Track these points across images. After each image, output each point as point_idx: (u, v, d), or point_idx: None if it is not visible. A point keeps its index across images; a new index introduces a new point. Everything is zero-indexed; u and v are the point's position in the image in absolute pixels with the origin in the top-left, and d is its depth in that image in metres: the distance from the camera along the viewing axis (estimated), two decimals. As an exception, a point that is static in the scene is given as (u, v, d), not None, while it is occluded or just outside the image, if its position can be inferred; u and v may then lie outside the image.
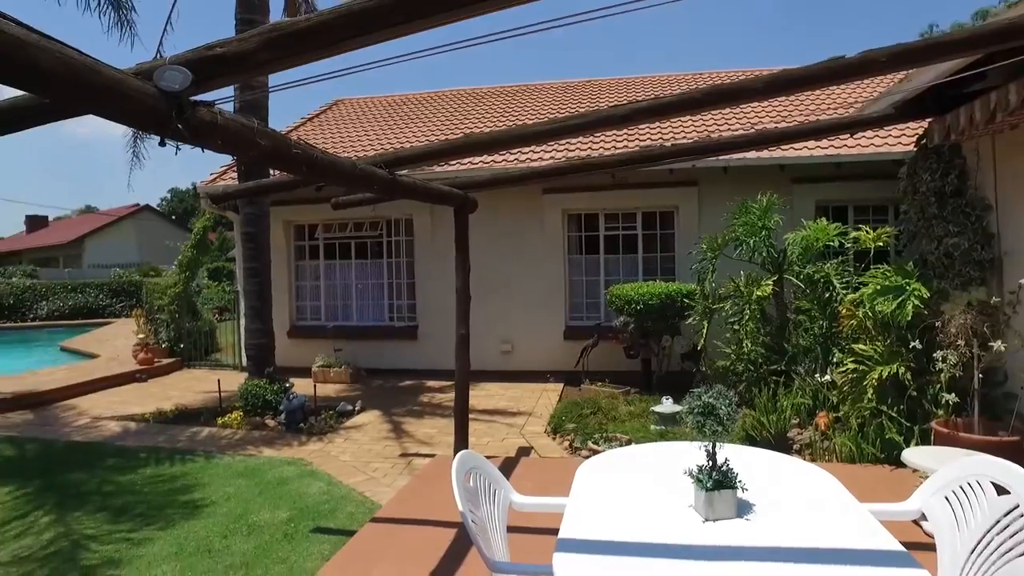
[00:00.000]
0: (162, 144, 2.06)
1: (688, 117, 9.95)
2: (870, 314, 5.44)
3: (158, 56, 8.58)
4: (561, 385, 9.10)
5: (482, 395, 8.60)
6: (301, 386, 8.15)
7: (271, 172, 8.05)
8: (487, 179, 5.52)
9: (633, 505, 2.40)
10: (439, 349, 10.09)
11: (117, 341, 14.58)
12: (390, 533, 4.16)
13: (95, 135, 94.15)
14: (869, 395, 5.14)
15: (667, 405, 6.51)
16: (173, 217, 47.93)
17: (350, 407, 7.86)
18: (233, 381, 9.00)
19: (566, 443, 6.39)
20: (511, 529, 2.75)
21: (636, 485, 2.60)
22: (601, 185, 9.31)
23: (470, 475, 2.46)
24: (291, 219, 10.68)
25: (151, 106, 1.86)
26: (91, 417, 7.92)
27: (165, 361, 10.93)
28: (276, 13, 8.78)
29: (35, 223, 43.62)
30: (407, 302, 10.48)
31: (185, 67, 1.92)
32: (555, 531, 2.19)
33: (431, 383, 9.70)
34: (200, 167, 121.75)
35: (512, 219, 9.79)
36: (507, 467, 5.50)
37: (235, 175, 10.50)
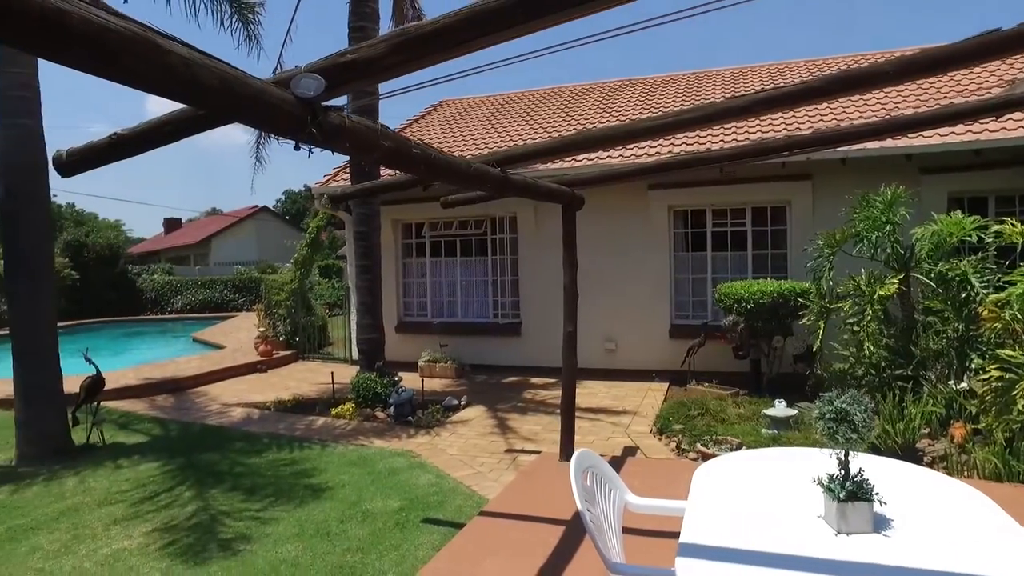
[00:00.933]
0: (296, 148, 2.19)
1: (802, 108, 9.44)
2: (1019, 316, 4.94)
3: (278, 67, 9.13)
4: (666, 385, 8.91)
5: (586, 393, 8.55)
6: (408, 380, 8.44)
7: (381, 173, 8.37)
8: (596, 176, 5.46)
9: (757, 513, 2.30)
10: (542, 346, 10.16)
11: (240, 334, 15.67)
12: (498, 527, 4.21)
13: (216, 145, 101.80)
14: (1020, 406, 4.66)
15: (780, 408, 6.22)
16: (287, 217, 50.88)
17: (456, 402, 8.05)
18: (344, 374, 9.44)
19: (672, 444, 6.25)
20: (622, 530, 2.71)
21: (759, 492, 2.49)
22: (708, 180, 9.01)
23: (587, 474, 2.44)
24: (399, 218, 11.06)
25: (288, 112, 1.97)
26: (221, 404, 8.57)
27: (282, 353, 11.65)
28: (384, 21, 9.11)
29: (171, 225, 47.71)
30: (511, 299, 10.60)
31: (319, 74, 2.02)
32: (666, 534, 2.15)
33: (534, 380, 9.76)
34: (309, 170, 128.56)
35: (616, 215, 9.67)
36: (614, 466, 5.44)
37: (347, 176, 11.02)
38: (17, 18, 1.30)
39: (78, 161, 2.60)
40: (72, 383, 6.76)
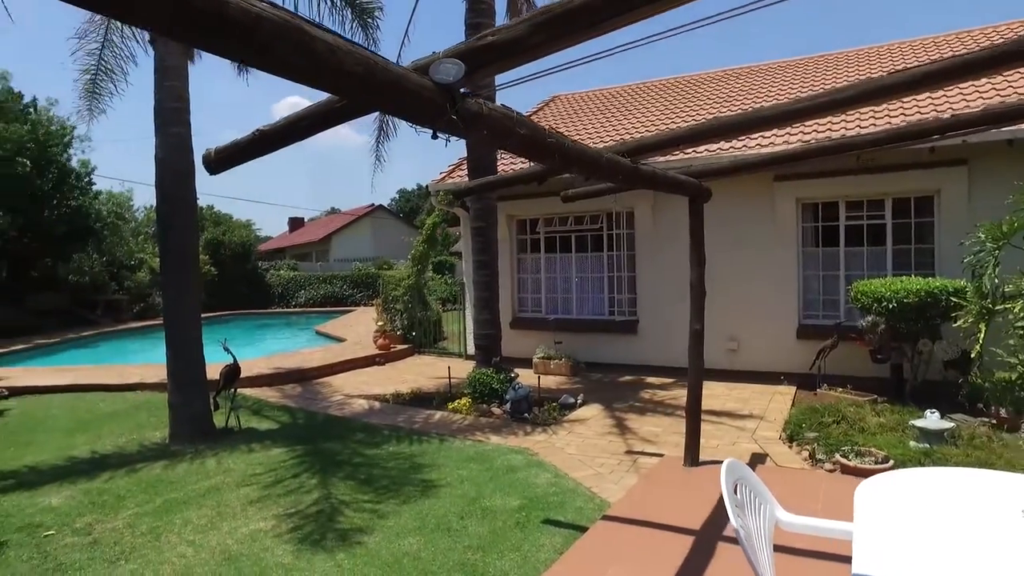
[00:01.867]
0: (434, 136, 2.13)
1: (954, 86, 8.51)
2: None
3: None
4: (793, 388, 8.34)
5: (706, 394, 8.07)
6: (522, 376, 8.40)
7: (498, 168, 8.37)
8: (726, 166, 5.15)
9: (948, 544, 2.00)
10: (658, 344, 9.83)
11: (359, 327, 16.35)
12: (622, 534, 4.04)
13: (333, 147, 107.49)
14: None
15: (932, 420, 5.61)
16: (401, 215, 52.77)
17: (572, 400, 7.92)
18: (459, 368, 9.57)
19: (805, 453, 5.80)
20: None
21: (946, 519, 2.17)
22: (842, 170, 8.33)
23: (736, 486, 2.23)
24: (514, 214, 11.06)
25: (428, 98, 1.91)
26: (342, 395, 8.92)
27: (399, 347, 12.00)
28: (499, 17, 9.09)
29: (295, 224, 50.74)
30: (627, 296, 10.33)
31: (458, 59, 1.95)
32: (819, 554, 1.91)
33: (650, 379, 9.47)
34: (422, 170, 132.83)
35: (739, 208, 9.16)
36: (741, 475, 5.13)
37: (463, 173, 11.17)
38: (180, 7, 1.30)
39: (224, 158, 2.70)
40: (213, 370, 7.25)
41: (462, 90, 2.02)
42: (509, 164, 10.52)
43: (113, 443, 6.89)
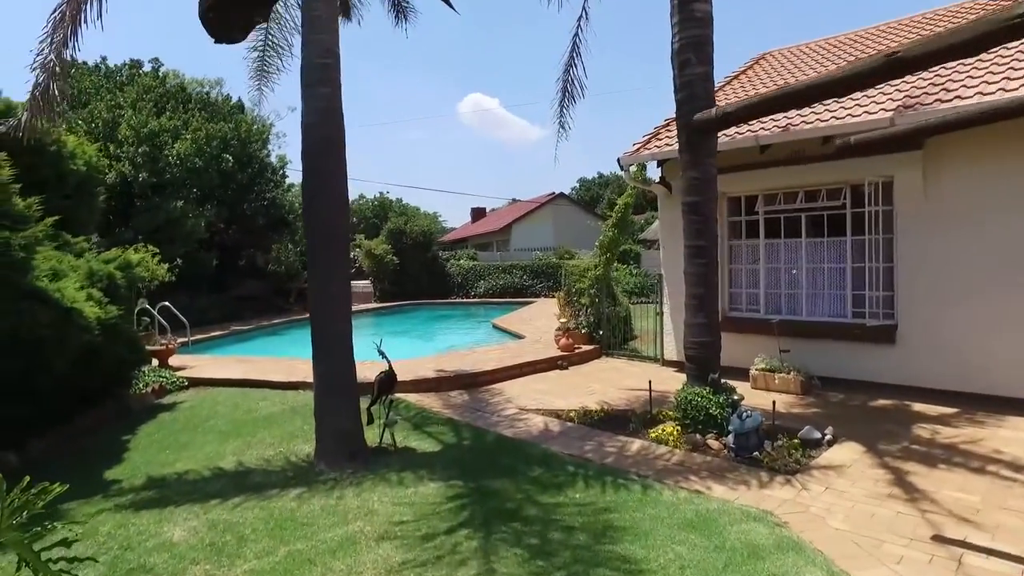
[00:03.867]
0: None
1: None
2: None
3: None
4: None
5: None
6: (737, 391, 6.37)
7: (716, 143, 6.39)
8: None
9: None
10: (928, 359, 7.27)
11: (538, 322, 15.02)
12: None
13: (513, 140, 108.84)
14: None
15: None
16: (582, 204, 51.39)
17: (818, 435, 5.75)
18: (656, 377, 7.79)
19: None
20: None
21: None
22: None
23: None
24: (726, 191, 8.90)
25: None
26: (517, 407, 7.46)
27: (584, 348, 10.36)
28: None
29: (477, 214, 51.56)
30: (879, 294, 7.74)
31: None
32: None
33: (918, 407, 6.94)
34: (598, 161, 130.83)
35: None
36: None
37: (662, 141, 9.23)
38: None
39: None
40: (369, 369, 6.16)
41: None
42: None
43: (260, 454, 6.05)
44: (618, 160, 9.34)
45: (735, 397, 5.99)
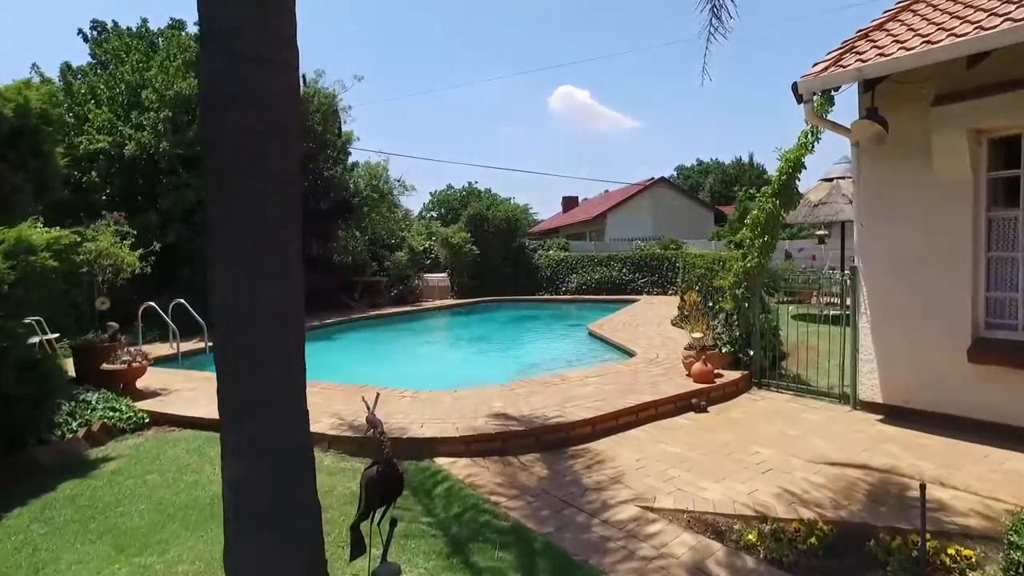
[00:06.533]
0: None
1: None
2: None
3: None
4: None
5: None
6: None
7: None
8: None
9: None
10: None
11: (647, 329, 11.64)
12: None
13: (608, 130, 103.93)
14: None
15: None
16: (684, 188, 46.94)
17: None
18: (856, 434, 4.46)
19: None
20: None
21: None
22: None
23: None
24: (979, 127, 5.31)
25: None
26: (637, 504, 4.16)
27: (727, 376, 6.92)
28: None
29: (569, 203, 48.28)
30: None
31: None
32: None
33: None
34: (679, 155, 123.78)
35: None
36: None
37: (864, 55, 5.69)
38: None
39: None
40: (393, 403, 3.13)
41: None
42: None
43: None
44: (793, 87, 5.87)
45: None
